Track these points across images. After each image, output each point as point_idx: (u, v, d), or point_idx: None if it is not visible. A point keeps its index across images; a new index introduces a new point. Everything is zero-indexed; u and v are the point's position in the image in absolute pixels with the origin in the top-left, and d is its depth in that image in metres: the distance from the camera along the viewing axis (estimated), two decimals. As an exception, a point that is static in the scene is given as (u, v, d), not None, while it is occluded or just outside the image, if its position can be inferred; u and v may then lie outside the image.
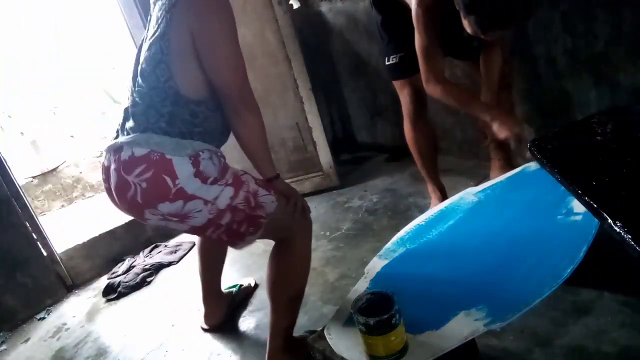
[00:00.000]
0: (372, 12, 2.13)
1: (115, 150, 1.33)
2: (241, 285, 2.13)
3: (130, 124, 1.34)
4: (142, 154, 1.27)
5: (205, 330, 1.98)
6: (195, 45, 1.27)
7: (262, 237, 1.49)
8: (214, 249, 1.86)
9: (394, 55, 2.06)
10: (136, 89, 1.35)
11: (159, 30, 1.30)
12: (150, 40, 1.32)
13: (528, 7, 1.50)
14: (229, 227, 1.36)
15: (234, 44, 1.32)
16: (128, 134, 1.32)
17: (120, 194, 1.32)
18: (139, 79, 1.35)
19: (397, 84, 2.13)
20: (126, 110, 1.38)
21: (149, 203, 1.29)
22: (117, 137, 1.37)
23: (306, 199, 2.86)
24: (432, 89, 1.82)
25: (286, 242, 1.52)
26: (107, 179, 1.37)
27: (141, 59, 1.36)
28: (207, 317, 1.98)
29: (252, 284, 2.17)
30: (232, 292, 2.07)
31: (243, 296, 2.10)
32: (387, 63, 2.11)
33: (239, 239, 1.41)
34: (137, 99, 1.34)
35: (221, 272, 1.95)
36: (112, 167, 1.32)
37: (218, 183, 1.32)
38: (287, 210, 1.45)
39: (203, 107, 1.34)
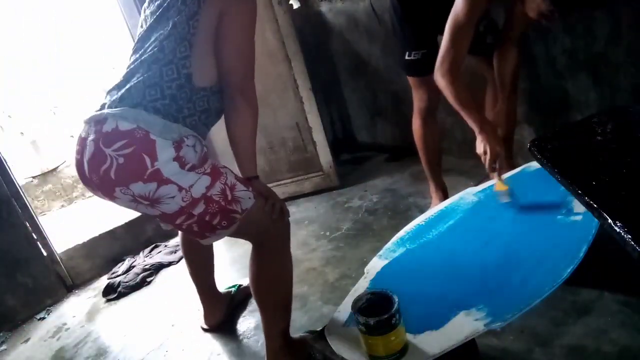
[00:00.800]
0: (391, 1, 2.03)
1: (97, 121, 1.28)
2: (240, 286, 2.12)
3: (120, 96, 1.30)
4: (126, 128, 1.23)
5: (205, 330, 1.98)
6: (217, 26, 1.31)
7: (239, 236, 1.47)
8: (198, 252, 1.84)
9: (416, 52, 1.99)
10: (145, 65, 1.32)
11: (187, 9, 1.29)
12: (175, 19, 1.30)
13: None
14: (202, 218, 1.32)
15: (251, 38, 1.38)
16: (116, 106, 1.28)
17: (93, 167, 1.27)
18: (154, 54, 1.31)
19: (414, 80, 2.08)
20: (119, 85, 1.35)
21: (122, 180, 1.24)
22: (100, 109, 1.32)
23: (306, 199, 2.91)
24: (440, 76, 1.69)
25: (264, 244, 1.49)
26: (80, 150, 1.31)
27: (155, 37, 1.33)
28: (207, 317, 1.98)
29: (252, 284, 2.16)
30: (231, 292, 2.07)
31: (243, 296, 2.10)
32: (407, 58, 2.03)
33: (210, 232, 1.37)
34: (139, 73, 1.31)
35: (213, 273, 1.93)
36: (90, 137, 1.27)
37: (196, 171, 1.29)
38: (265, 209, 1.42)
39: (206, 92, 1.34)
